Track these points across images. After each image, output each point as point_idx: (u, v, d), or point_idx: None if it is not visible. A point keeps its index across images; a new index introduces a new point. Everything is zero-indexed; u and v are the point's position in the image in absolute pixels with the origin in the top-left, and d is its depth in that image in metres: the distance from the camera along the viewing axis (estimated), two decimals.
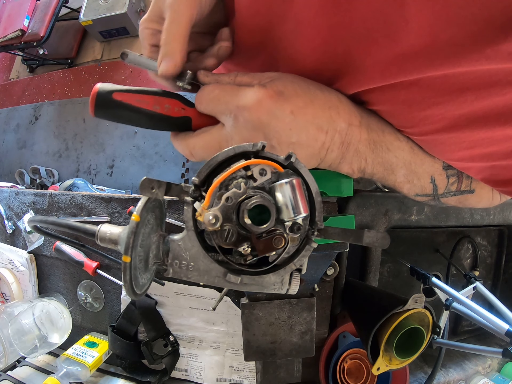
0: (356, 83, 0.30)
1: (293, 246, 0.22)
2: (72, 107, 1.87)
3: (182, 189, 0.21)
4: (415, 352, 0.42)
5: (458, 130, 0.29)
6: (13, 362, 0.59)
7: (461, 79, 0.25)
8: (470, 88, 0.25)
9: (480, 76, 0.24)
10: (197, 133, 0.33)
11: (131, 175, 1.65)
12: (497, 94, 0.25)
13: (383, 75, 0.27)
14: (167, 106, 0.32)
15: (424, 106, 0.28)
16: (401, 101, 0.29)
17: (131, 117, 0.32)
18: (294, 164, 0.21)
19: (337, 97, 0.32)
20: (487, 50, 0.21)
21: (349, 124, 0.31)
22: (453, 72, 0.24)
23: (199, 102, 0.32)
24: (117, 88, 0.31)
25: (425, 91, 0.27)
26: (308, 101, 0.30)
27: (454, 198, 0.39)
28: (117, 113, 0.31)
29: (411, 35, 0.24)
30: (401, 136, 0.34)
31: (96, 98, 0.30)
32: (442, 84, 0.26)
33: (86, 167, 1.75)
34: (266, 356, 0.42)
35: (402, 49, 0.25)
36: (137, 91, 0.31)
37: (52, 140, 1.87)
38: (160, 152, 1.57)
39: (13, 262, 0.65)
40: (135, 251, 0.20)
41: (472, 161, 0.33)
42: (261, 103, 0.29)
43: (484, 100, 0.25)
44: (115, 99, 0.30)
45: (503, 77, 0.23)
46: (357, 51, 0.28)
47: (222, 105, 0.30)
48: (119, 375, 0.59)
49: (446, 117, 0.28)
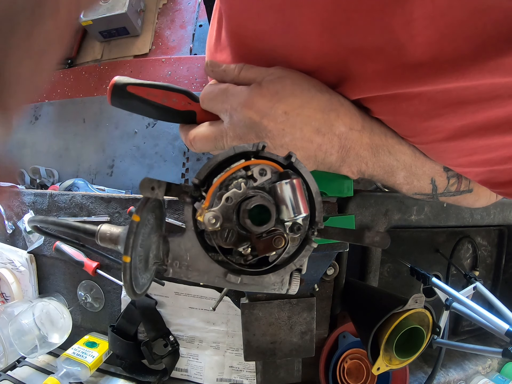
0: (358, 89, 0.30)
1: (293, 246, 0.22)
2: (72, 107, 1.87)
3: (182, 189, 0.21)
4: (415, 352, 0.42)
5: (459, 139, 0.29)
6: (13, 362, 0.59)
7: (463, 93, 0.25)
8: (472, 102, 0.25)
9: (481, 90, 0.24)
10: (199, 126, 0.35)
11: (131, 175, 1.64)
12: (497, 107, 0.25)
13: (386, 83, 0.27)
14: (175, 100, 0.35)
15: (425, 117, 0.29)
16: (402, 112, 0.29)
17: (142, 108, 0.35)
18: (294, 164, 0.21)
19: (339, 100, 0.31)
20: (490, 63, 0.21)
21: (350, 129, 0.31)
22: (455, 86, 0.24)
23: (202, 100, 0.34)
24: (132, 81, 0.35)
25: (426, 104, 0.27)
26: (305, 102, 0.30)
27: (452, 198, 0.39)
28: (130, 103, 0.35)
29: (416, 49, 0.24)
30: (402, 140, 0.34)
31: (113, 89, 0.35)
32: (443, 97, 0.26)
33: (86, 167, 1.75)
34: (266, 356, 0.42)
35: (405, 61, 0.25)
36: (149, 85, 0.35)
37: (52, 140, 1.87)
38: (160, 152, 1.56)
39: (13, 262, 0.65)
40: (135, 251, 0.20)
41: (471, 167, 0.34)
42: (253, 103, 0.29)
43: (485, 112, 0.26)
44: (128, 91, 0.34)
45: (504, 92, 0.24)
46: (359, 60, 0.28)
47: (219, 104, 0.32)
48: (119, 375, 0.59)
49: (447, 128, 0.29)
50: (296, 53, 0.31)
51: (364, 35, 0.26)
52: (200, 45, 1.65)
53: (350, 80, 0.30)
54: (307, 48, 0.30)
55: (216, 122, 0.33)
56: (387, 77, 0.27)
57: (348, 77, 0.30)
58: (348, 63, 0.29)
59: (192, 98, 0.36)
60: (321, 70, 0.32)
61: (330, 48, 0.29)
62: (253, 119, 0.29)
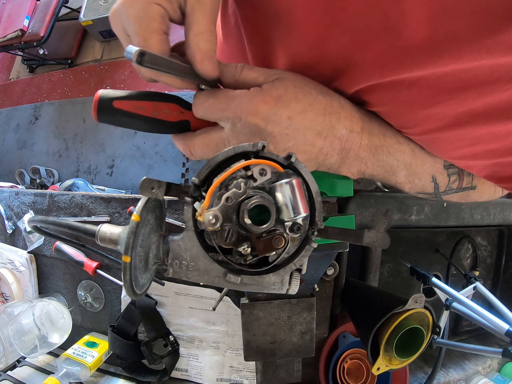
0: (355, 80, 0.30)
1: (293, 246, 0.22)
2: (72, 107, 1.87)
3: (182, 189, 0.21)
4: (415, 352, 0.42)
5: (460, 127, 0.29)
6: (13, 362, 0.59)
7: (462, 77, 0.25)
8: (472, 86, 0.25)
9: (481, 73, 0.24)
10: (197, 134, 0.33)
11: (131, 175, 1.64)
12: (499, 91, 0.25)
13: (383, 70, 0.27)
14: (166, 111, 0.32)
15: (425, 105, 0.28)
16: (401, 101, 0.29)
17: (132, 123, 0.32)
18: (294, 164, 0.21)
19: (339, 102, 0.31)
20: (487, 42, 0.21)
21: (350, 131, 0.31)
22: (453, 70, 0.24)
23: (196, 110, 0.32)
24: (117, 95, 0.32)
25: (425, 90, 0.27)
26: (308, 106, 0.30)
27: (456, 195, 0.39)
28: (118, 120, 0.32)
29: (409, 28, 0.23)
30: (401, 139, 0.34)
31: (98, 106, 0.31)
32: (443, 83, 0.26)
33: (86, 167, 1.75)
34: (266, 356, 0.42)
35: (401, 43, 0.25)
36: (136, 97, 0.32)
37: (52, 140, 1.87)
38: (160, 152, 1.57)
39: (13, 262, 0.65)
40: (135, 251, 0.20)
41: (475, 159, 0.33)
42: (258, 109, 0.29)
43: (486, 97, 0.25)
44: (115, 107, 0.31)
45: (505, 73, 0.23)
46: (356, 47, 0.28)
47: (218, 113, 0.30)
48: (119, 375, 0.59)
49: (448, 115, 0.28)
50: (292, 44, 0.31)
51: (359, 19, 0.26)
52: None
53: (348, 71, 0.30)
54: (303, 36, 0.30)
55: (215, 129, 0.32)
56: (384, 63, 0.27)
57: (345, 68, 0.30)
58: (344, 53, 0.29)
59: (184, 106, 0.33)
60: (318, 62, 0.31)
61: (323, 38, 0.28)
62: (258, 126, 0.29)
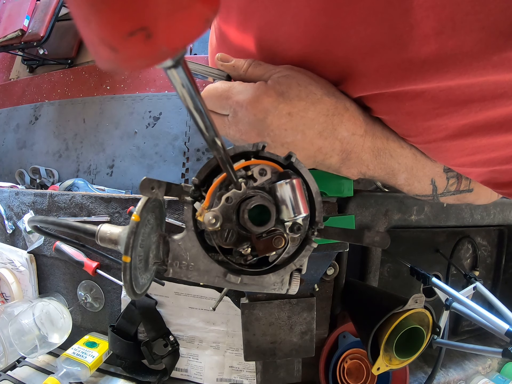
0: (360, 87, 0.30)
1: (293, 246, 0.22)
2: (72, 107, 1.87)
3: (182, 189, 0.21)
4: (415, 352, 0.42)
5: (461, 138, 0.29)
6: (13, 362, 0.59)
7: (467, 92, 0.25)
8: (475, 100, 0.25)
9: (485, 88, 0.24)
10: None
11: (131, 175, 1.64)
12: (501, 105, 0.25)
13: (388, 80, 0.27)
14: None
15: (428, 117, 0.28)
16: (405, 112, 0.29)
17: None
18: (294, 164, 0.21)
19: (345, 105, 0.31)
20: (493, 58, 0.21)
21: (352, 133, 0.31)
22: (458, 84, 0.24)
23: (204, 96, 0.33)
24: None
25: (429, 103, 0.27)
26: (310, 105, 0.30)
27: (452, 197, 0.39)
28: None
29: (416, 41, 0.23)
30: (404, 144, 0.34)
31: None
32: (447, 96, 0.26)
33: (86, 167, 1.75)
34: (266, 356, 0.42)
35: (407, 56, 0.25)
36: None
37: (52, 140, 1.87)
38: (160, 152, 1.56)
39: (13, 262, 0.65)
40: (135, 251, 0.20)
41: (473, 167, 0.33)
42: (258, 101, 0.29)
43: (488, 110, 0.25)
44: None
45: (508, 89, 0.23)
46: (360, 54, 0.28)
47: (223, 100, 0.32)
48: (119, 375, 0.59)
49: (450, 127, 0.28)
50: (296, 47, 0.31)
51: (364, 27, 0.25)
52: (200, 45, 1.65)
53: (352, 78, 0.30)
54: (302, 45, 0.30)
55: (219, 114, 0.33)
56: (389, 74, 0.26)
57: (350, 74, 0.30)
58: (349, 60, 0.29)
59: None
60: (322, 66, 0.31)
61: (326, 42, 0.28)
62: (258, 117, 0.29)
